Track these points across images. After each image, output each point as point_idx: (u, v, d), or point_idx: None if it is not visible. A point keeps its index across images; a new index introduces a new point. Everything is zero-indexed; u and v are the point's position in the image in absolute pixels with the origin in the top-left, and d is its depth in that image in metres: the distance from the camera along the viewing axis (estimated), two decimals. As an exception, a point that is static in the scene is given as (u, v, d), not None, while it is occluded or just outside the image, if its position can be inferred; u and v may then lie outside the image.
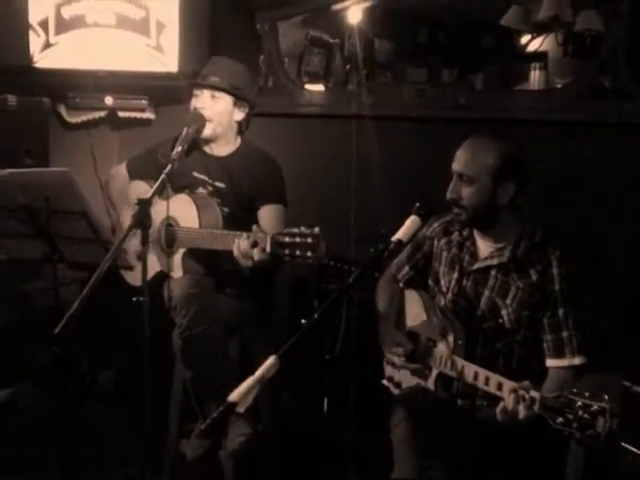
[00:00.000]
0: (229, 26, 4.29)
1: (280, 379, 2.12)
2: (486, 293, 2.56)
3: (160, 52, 4.09)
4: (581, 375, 2.47)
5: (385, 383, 2.83)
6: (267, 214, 3.29)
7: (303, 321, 2.20)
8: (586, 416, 1.94)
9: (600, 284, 3.12)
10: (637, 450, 2.44)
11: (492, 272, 2.56)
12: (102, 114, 4.37)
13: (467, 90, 4.29)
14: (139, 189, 3.33)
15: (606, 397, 1.97)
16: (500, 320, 2.52)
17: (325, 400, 2.88)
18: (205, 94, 3.29)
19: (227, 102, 3.30)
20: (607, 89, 3.77)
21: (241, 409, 2.02)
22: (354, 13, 4.25)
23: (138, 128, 4.44)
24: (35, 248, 3.00)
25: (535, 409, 2.08)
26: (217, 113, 3.28)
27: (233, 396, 2.01)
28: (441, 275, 2.71)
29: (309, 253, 2.55)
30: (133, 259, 3.11)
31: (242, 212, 3.27)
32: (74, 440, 3.19)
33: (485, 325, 2.55)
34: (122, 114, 4.35)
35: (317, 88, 4.53)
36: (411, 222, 2.39)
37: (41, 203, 2.88)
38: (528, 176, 2.52)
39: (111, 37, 4.07)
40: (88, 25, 4.05)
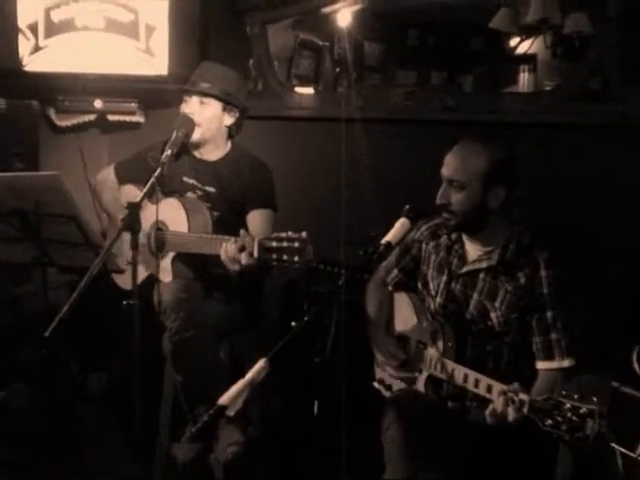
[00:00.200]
0: (218, 29, 4.29)
1: (270, 382, 2.12)
2: (475, 296, 2.57)
3: (150, 55, 4.08)
4: (571, 376, 2.48)
5: (376, 385, 2.84)
6: (256, 219, 3.29)
7: (293, 324, 2.19)
8: (575, 418, 1.95)
9: (589, 285, 3.13)
10: (626, 450, 2.45)
11: (481, 275, 2.56)
12: (92, 117, 4.34)
13: (456, 92, 4.31)
14: (130, 193, 3.33)
15: (595, 399, 1.97)
16: (489, 323, 2.53)
17: (315, 403, 2.88)
18: (194, 100, 3.29)
19: (216, 108, 3.31)
20: (596, 91, 3.78)
21: (231, 412, 2.02)
22: (344, 16, 4.25)
23: (128, 131, 4.43)
24: (25, 252, 2.99)
25: (524, 411, 2.09)
26: (205, 119, 3.28)
27: (223, 399, 2.02)
28: (430, 278, 2.71)
29: (296, 257, 2.57)
30: (123, 263, 3.11)
31: (232, 216, 3.28)
32: (65, 442, 3.19)
33: (474, 328, 2.56)
34: (112, 117, 4.34)
35: (307, 91, 4.54)
36: (400, 225, 2.41)
37: (31, 207, 2.87)
38: (518, 180, 2.53)
39: (100, 40, 4.05)
40: (77, 28, 4.03)
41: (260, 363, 2.08)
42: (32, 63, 4.03)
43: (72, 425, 3.50)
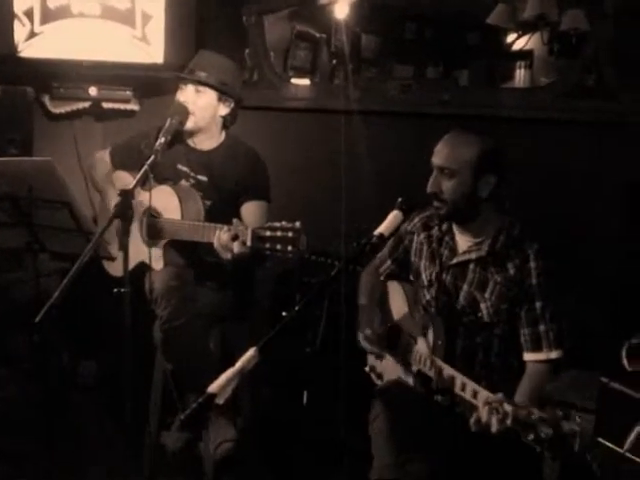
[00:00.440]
0: (215, 18, 4.28)
1: (260, 371, 2.12)
2: (465, 287, 2.57)
3: (145, 43, 4.06)
4: (559, 369, 2.49)
5: (367, 370, 2.85)
6: (250, 210, 3.29)
7: (284, 314, 2.19)
8: (557, 436, 1.95)
9: (582, 280, 3.14)
10: (613, 446, 2.45)
11: (471, 266, 2.56)
12: (86, 105, 4.33)
13: (452, 86, 4.31)
14: (123, 180, 3.32)
15: (578, 419, 1.98)
16: (479, 314, 2.53)
17: (305, 393, 2.88)
18: (190, 88, 3.28)
19: (211, 97, 3.30)
20: (592, 88, 3.79)
21: (220, 400, 2.02)
22: (341, 8, 4.23)
23: (122, 119, 4.41)
24: (16, 237, 2.98)
25: (507, 423, 2.08)
26: (200, 107, 3.27)
27: (213, 387, 2.02)
28: (422, 270, 2.72)
29: (289, 247, 2.57)
30: (114, 249, 3.10)
31: (224, 205, 3.27)
32: (55, 429, 3.19)
33: (465, 319, 2.56)
34: (106, 105, 4.32)
35: (303, 82, 4.53)
36: (393, 217, 2.41)
37: (23, 192, 2.86)
38: (507, 170, 2.54)
39: (96, 27, 4.03)
40: (73, 15, 4.01)
41: (250, 352, 2.07)
42: (27, 49, 4.01)
43: (62, 412, 3.50)
